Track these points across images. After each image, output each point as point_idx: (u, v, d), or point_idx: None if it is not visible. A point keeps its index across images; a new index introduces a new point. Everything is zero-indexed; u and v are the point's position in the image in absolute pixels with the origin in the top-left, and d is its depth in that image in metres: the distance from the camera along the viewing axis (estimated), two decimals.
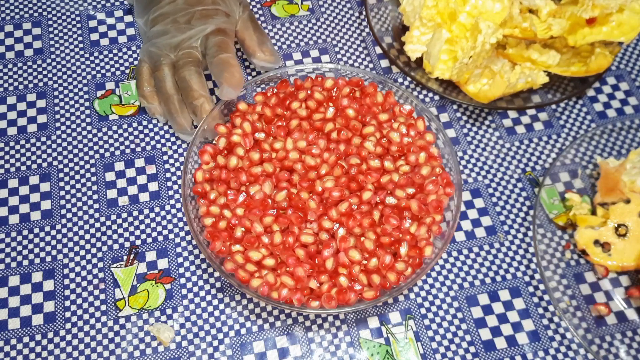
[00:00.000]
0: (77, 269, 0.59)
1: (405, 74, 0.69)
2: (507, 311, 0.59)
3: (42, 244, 0.61)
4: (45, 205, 0.62)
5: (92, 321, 0.57)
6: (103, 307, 0.58)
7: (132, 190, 0.63)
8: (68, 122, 0.67)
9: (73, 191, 0.63)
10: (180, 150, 0.66)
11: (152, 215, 0.62)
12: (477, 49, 0.61)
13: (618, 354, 0.56)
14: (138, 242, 0.61)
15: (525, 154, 0.67)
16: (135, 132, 0.67)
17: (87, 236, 0.61)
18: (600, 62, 0.65)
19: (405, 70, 0.67)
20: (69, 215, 0.62)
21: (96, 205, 0.63)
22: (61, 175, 0.64)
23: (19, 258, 0.60)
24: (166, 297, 0.58)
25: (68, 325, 0.57)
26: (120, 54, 0.71)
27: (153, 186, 0.64)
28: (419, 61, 0.68)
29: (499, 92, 0.64)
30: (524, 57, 0.66)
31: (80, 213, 0.62)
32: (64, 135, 0.66)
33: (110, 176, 0.64)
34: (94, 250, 0.60)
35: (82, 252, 0.60)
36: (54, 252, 0.60)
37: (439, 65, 0.64)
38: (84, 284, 0.59)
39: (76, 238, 0.61)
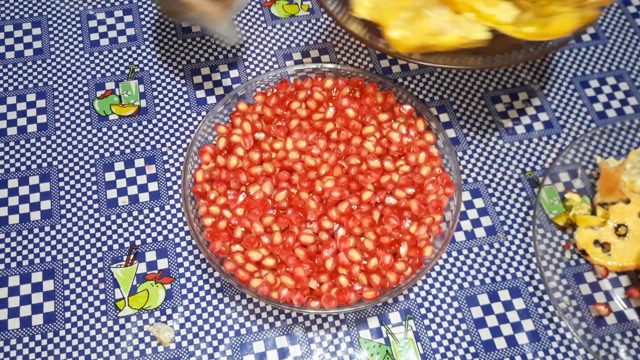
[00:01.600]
0: (77, 269, 0.59)
1: (320, 4, 0.56)
2: (507, 311, 0.59)
3: (42, 244, 0.61)
4: (45, 205, 0.62)
5: (92, 321, 0.57)
6: (103, 307, 0.58)
7: (132, 190, 0.63)
8: (68, 122, 0.67)
9: (73, 191, 0.63)
10: (180, 151, 0.66)
11: (152, 215, 0.62)
12: None
13: (618, 354, 0.56)
14: (138, 242, 0.61)
15: (525, 154, 0.67)
16: (135, 132, 0.67)
17: (87, 236, 0.61)
18: (561, 24, 0.50)
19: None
20: (68, 215, 0.62)
21: (96, 205, 0.63)
22: (61, 175, 0.64)
23: (19, 258, 0.60)
24: (166, 297, 0.58)
25: (68, 326, 0.57)
26: (120, 54, 0.71)
27: (153, 186, 0.64)
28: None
29: (416, 38, 0.50)
30: (467, 6, 0.52)
31: (80, 213, 0.62)
32: (63, 136, 0.66)
33: (110, 176, 0.64)
34: (93, 250, 0.60)
35: (82, 252, 0.60)
36: (53, 252, 0.60)
37: (363, 1, 0.53)
38: (84, 284, 0.59)
39: (76, 238, 0.61)
